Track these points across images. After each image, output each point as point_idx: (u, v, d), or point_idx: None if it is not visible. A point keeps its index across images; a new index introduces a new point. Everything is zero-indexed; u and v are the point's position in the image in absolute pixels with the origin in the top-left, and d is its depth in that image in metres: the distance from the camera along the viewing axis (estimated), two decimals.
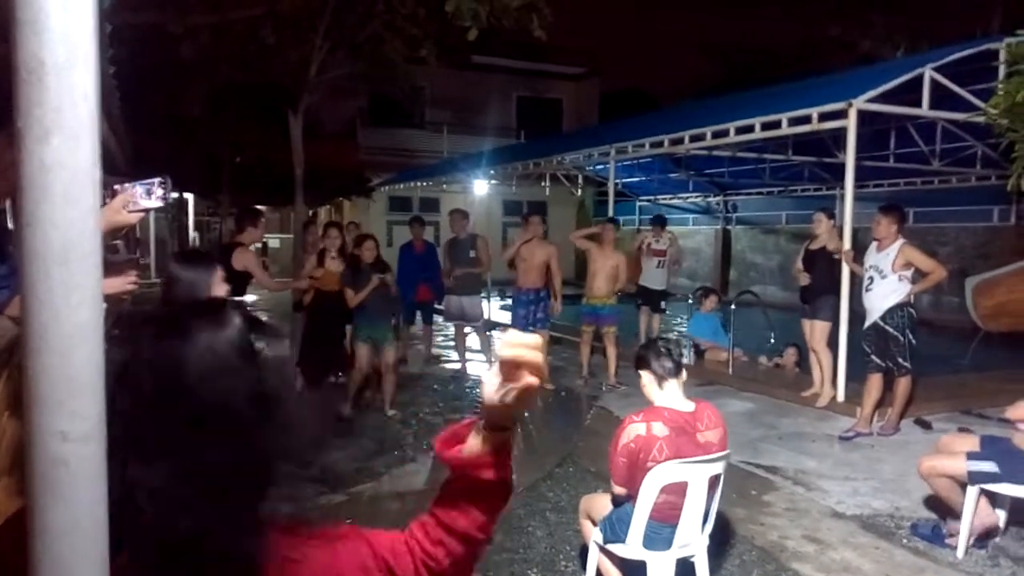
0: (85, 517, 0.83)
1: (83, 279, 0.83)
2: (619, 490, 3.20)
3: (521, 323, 8.20)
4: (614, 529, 3.26)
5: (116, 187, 1.86)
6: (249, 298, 8.09)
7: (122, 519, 0.81)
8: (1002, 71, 7.34)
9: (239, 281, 5.68)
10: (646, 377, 3.27)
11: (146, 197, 1.85)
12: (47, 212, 0.80)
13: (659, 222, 10.42)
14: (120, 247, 8.03)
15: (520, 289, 8.33)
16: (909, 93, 7.80)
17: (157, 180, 1.86)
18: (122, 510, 0.82)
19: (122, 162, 8.79)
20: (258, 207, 11.20)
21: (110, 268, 2.03)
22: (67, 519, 0.82)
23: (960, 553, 4.15)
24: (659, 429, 3.05)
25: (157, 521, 0.86)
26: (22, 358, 0.83)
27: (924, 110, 7.93)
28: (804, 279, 7.39)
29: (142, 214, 1.85)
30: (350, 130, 21.38)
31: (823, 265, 7.26)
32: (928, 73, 7.73)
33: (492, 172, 16.47)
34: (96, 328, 0.85)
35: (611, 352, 8.60)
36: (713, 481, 3.18)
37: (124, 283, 1.94)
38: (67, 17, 0.80)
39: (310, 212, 22.11)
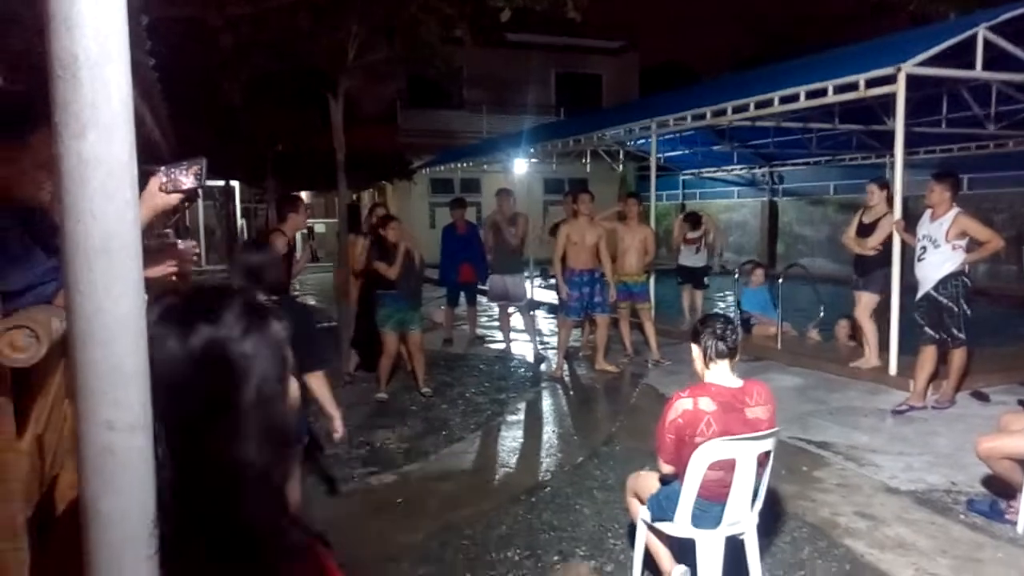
0: (133, 504, 0.85)
1: (124, 270, 0.84)
2: (667, 468, 3.18)
3: (574, 305, 8.09)
4: (662, 507, 3.24)
5: (153, 169, 1.87)
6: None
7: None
8: None
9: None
10: (696, 352, 3.23)
11: (184, 178, 1.86)
12: (86, 205, 0.81)
13: (692, 220, 10.28)
14: (171, 235, 8.19)
15: (573, 271, 8.06)
16: (961, 55, 7.53)
17: (193, 162, 1.87)
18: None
19: (167, 154, 8.94)
20: (297, 193, 11.34)
21: (149, 254, 2.07)
22: (116, 506, 0.84)
23: (1021, 528, 4.04)
24: (706, 404, 3.02)
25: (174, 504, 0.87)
26: (68, 349, 0.85)
27: (978, 72, 7.64)
28: (865, 245, 7.17)
29: (181, 195, 1.86)
30: (390, 113, 21.46)
31: (878, 237, 7.09)
32: (982, 33, 7.44)
33: (532, 151, 16.40)
34: (138, 319, 0.86)
35: (649, 329, 8.58)
36: (763, 458, 3.14)
37: (164, 268, 1.97)
38: (98, 13, 0.80)
39: (354, 196, 22.33)
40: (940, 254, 6.22)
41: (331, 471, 5.10)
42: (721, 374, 3.15)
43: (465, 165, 19.37)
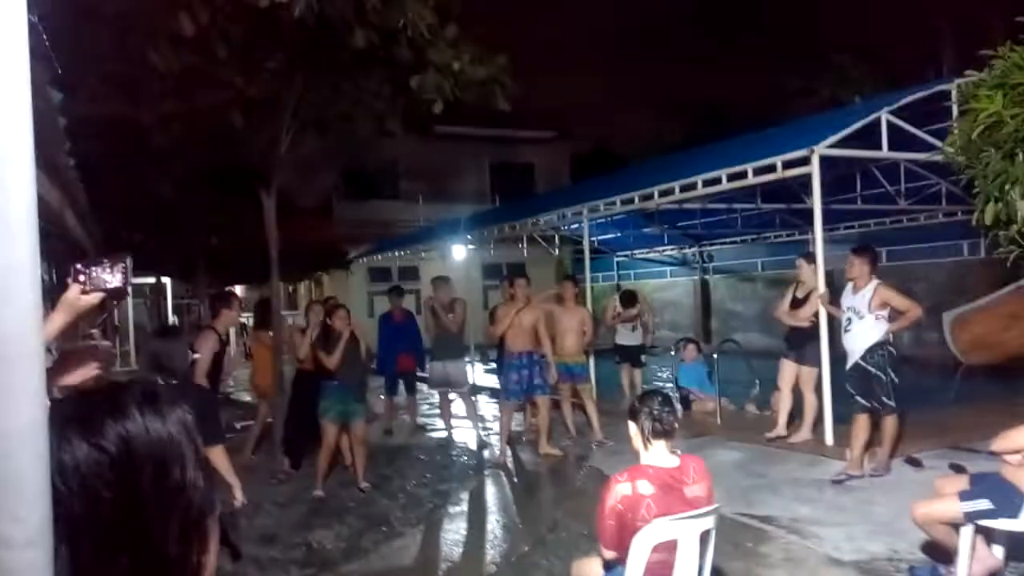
0: None
1: (24, 379, 0.81)
2: (609, 554, 3.13)
3: (514, 388, 8.06)
4: None
5: (78, 267, 1.83)
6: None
7: None
8: (955, 110, 7.54)
9: (213, 361, 5.68)
10: (634, 430, 3.24)
11: (107, 276, 1.81)
12: None
13: (628, 300, 10.49)
14: (96, 335, 7.96)
15: (511, 354, 8.12)
16: (869, 136, 7.98)
17: (116, 259, 1.83)
18: None
19: (91, 251, 8.77)
20: (231, 288, 11.17)
21: (71, 358, 2.00)
22: None
23: None
24: (645, 488, 3.00)
25: None
26: None
27: (884, 152, 8.11)
28: (797, 317, 7.43)
29: (102, 295, 1.81)
30: (326, 204, 21.51)
31: (809, 309, 7.35)
32: (884, 117, 7.92)
33: (469, 237, 16.59)
34: (38, 430, 0.82)
35: (591, 409, 8.56)
36: (704, 536, 3.12)
37: (86, 373, 1.91)
38: (1, 115, 0.80)
39: (290, 289, 22.04)
40: (864, 325, 6.43)
41: (237, 542, 4.97)
42: (659, 454, 3.15)
43: (403, 253, 19.43)
